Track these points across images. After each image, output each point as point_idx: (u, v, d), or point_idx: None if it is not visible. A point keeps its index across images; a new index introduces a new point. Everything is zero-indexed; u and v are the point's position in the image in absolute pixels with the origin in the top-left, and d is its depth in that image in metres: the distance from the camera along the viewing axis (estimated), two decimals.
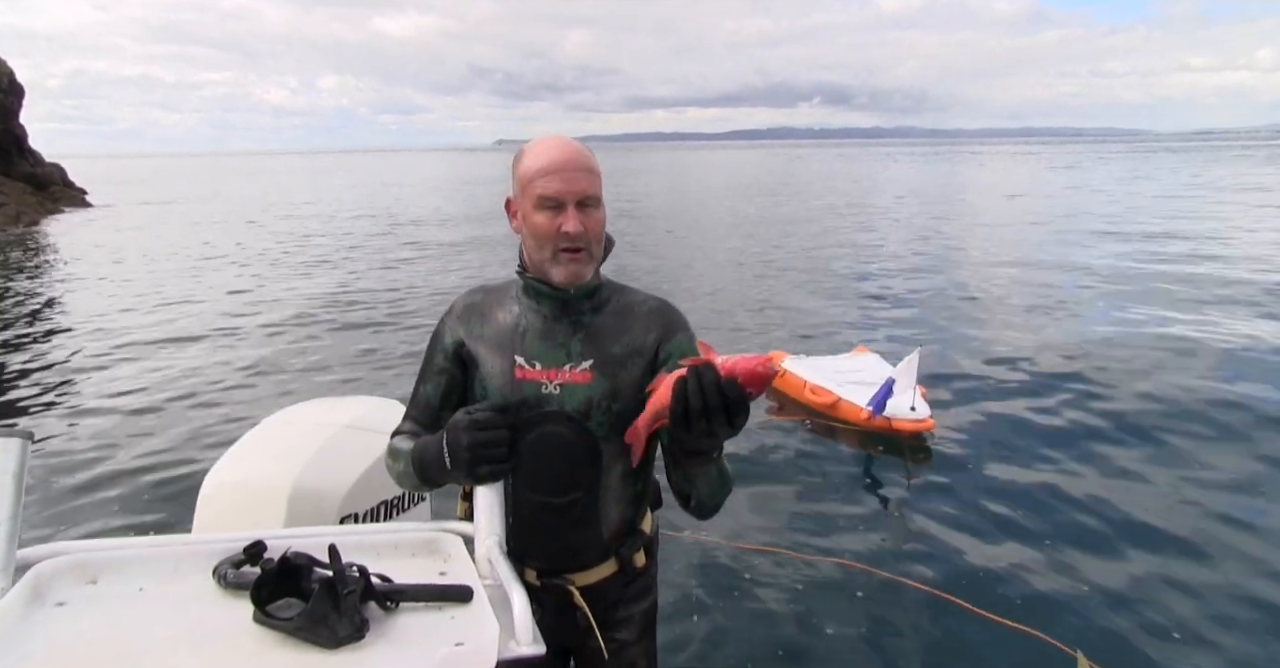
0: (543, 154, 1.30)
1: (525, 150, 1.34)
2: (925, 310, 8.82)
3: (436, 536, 1.19)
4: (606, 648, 1.47)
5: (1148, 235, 14.90)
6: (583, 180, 1.28)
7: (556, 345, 1.35)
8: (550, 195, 1.27)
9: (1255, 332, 7.62)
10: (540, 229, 1.29)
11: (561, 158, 1.28)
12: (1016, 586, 3.28)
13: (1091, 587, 3.27)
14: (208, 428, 5.36)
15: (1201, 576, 3.38)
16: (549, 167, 1.27)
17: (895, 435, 4.73)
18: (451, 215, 22.70)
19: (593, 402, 1.33)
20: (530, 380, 1.33)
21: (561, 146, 1.30)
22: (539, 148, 1.32)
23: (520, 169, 1.32)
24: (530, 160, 1.30)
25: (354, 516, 1.92)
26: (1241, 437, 4.95)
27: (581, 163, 1.29)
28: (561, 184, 1.27)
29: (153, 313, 9.31)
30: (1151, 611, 3.11)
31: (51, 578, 1.02)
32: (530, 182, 1.29)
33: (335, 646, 0.89)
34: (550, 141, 1.32)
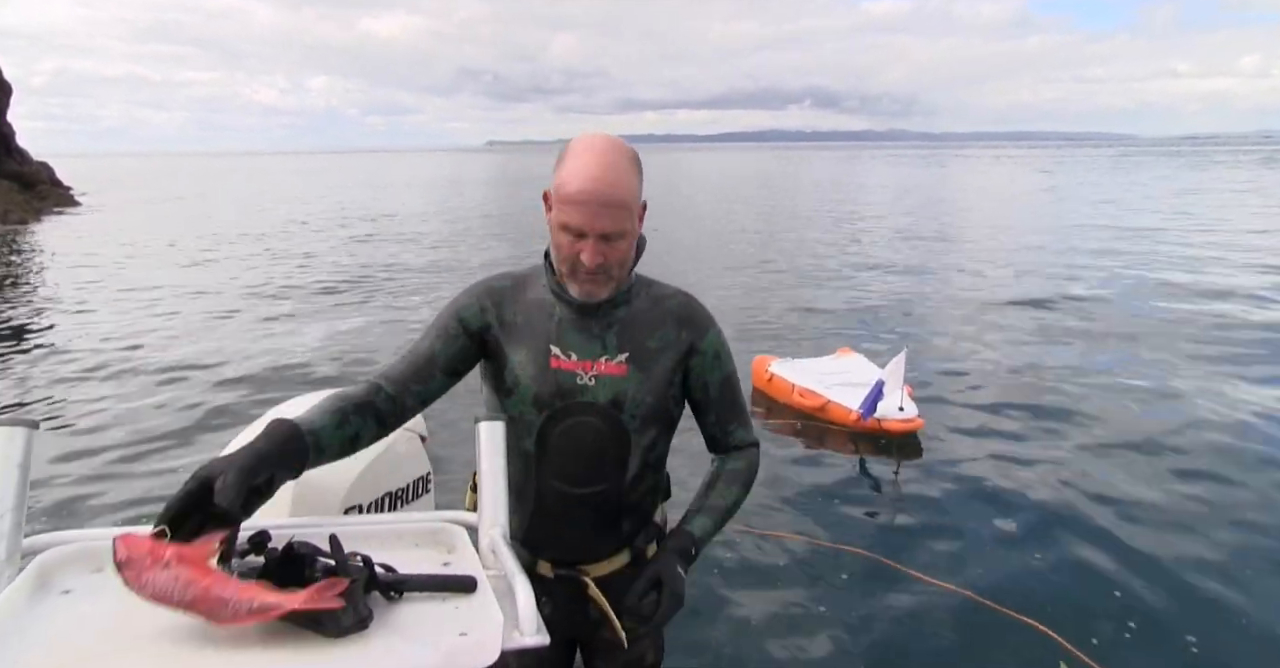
0: (578, 174, 1.21)
1: (568, 152, 1.26)
2: (910, 311, 8.91)
3: (440, 526, 1.19)
4: (615, 639, 1.47)
5: (1136, 234, 14.91)
6: (606, 218, 1.21)
7: (592, 337, 1.34)
8: (572, 225, 1.22)
9: (1250, 319, 7.63)
10: (561, 249, 1.27)
11: (593, 190, 1.19)
12: (1003, 575, 3.32)
13: (1082, 577, 3.32)
14: (210, 420, 5.38)
15: (1193, 564, 3.42)
16: (576, 196, 1.20)
17: (885, 435, 4.76)
18: (453, 212, 22.73)
19: (627, 394, 1.34)
20: (565, 371, 1.32)
21: (598, 172, 1.20)
22: (578, 161, 1.22)
23: (557, 175, 1.25)
24: (566, 173, 1.22)
25: (358, 507, 1.93)
26: (1232, 427, 4.97)
27: (613, 198, 1.20)
28: (583, 218, 1.21)
29: (150, 307, 9.35)
30: (1144, 600, 3.14)
31: (57, 566, 1.02)
32: (559, 200, 1.23)
33: (339, 635, 0.89)
34: (589, 158, 1.22)
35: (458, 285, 7.02)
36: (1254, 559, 3.44)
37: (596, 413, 1.34)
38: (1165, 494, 4.11)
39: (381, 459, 2.00)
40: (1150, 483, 4.23)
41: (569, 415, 1.34)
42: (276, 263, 12.97)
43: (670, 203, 26.41)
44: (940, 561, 3.44)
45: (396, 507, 2.05)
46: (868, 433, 4.81)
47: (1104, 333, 7.55)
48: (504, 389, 1.37)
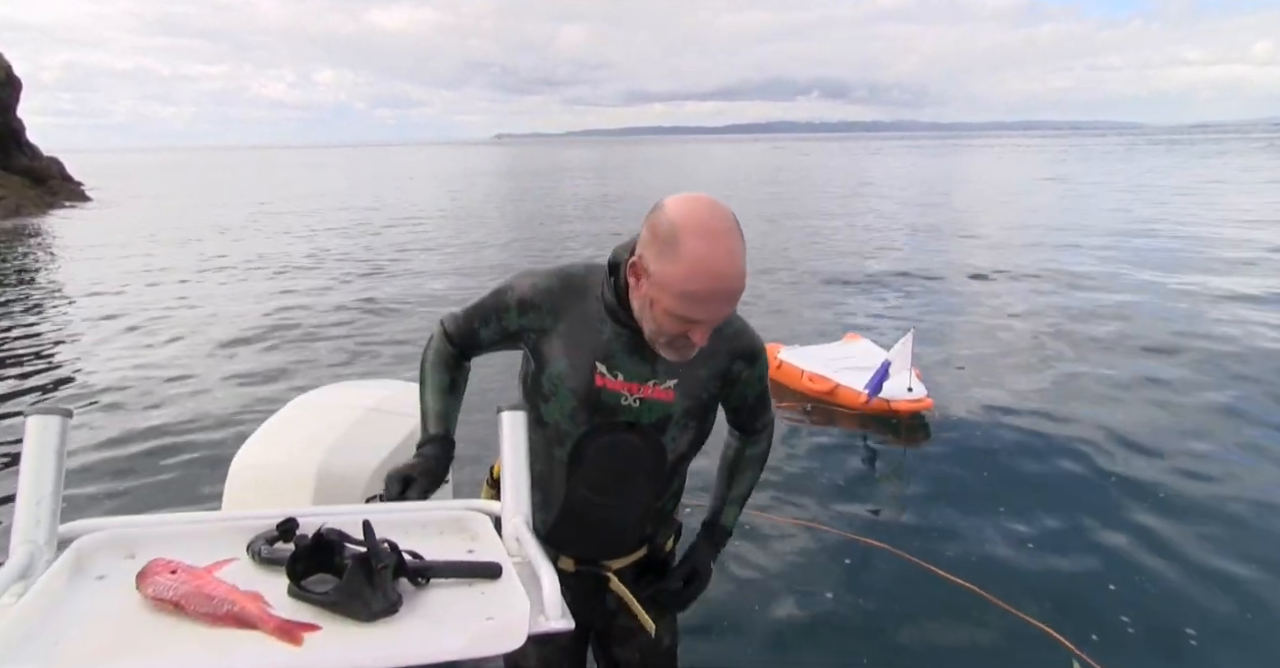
0: (697, 274, 1.10)
1: (680, 238, 1.10)
2: (918, 297, 8.92)
3: (464, 514, 1.21)
4: (632, 625, 1.49)
5: (1151, 223, 14.82)
6: (728, 308, 1.16)
7: (643, 361, 1.30)
8: (690, 318, 1.16)
9: (1257, 312, 7.60)
10: (666, 328, 1.19)
11: (717, 288, 1.11)
12: (1008, 563, 3.34)
13: (1093, 571, 3.30)
14: (233, 411, 5.44)
15: (1208, 553, 3.40)
16: (701, 296, 1.12)
17: (894, 416, 4.80)
18: (471, 208, 22.77)
19: (672, 419, 1.33)
20: (610, 390, 1.30)
21: (722, 270, 1.10)
22: (696, 258, 1.09)
23: (666, 265, 1.12)
24: (682, 271, 1.10)
25: (379, 497, 1.95)
26: (1245, 409, 4.94)
27: (735, 291, 1.14)
28: (706, 315, 1.15)
29: (165, 299, 9.43)
30: (1157, 596, 3.13)
31: (92, 552, 1.05)
32: (674, 294, 1.13)
33: (370, 619, 0.91)
34: (709, 256, 1.09)
35: (475, 275, 6.99)
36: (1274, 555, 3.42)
37: (638, 433, 1.33)
38: (1184, 483, 4.08)
39: (400, 449, 2.02)
40: (1168, 471, 4.21)
41: (608, 432, 1.32)
42: (293, 255, 13.03)
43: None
44: (946, 548, 3.45)
45: None
46: (877, 415, 4.84)
47: (1124, 322, 7.50)
48: (541, 393, 1.35)
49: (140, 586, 0.94)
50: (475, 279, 10.43)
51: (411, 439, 2.06)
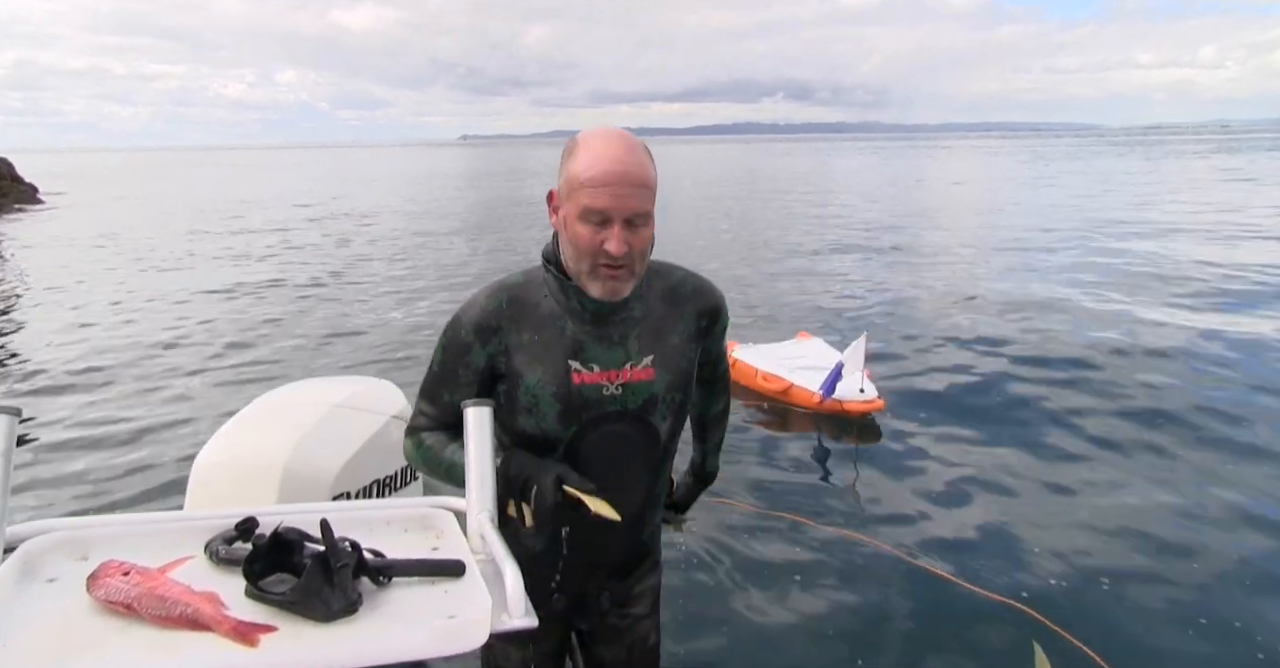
0: (597, 160, 1.17)
1: (579, 144, 1.22)
2: (868, 297, 9.05)
3: (428, 511, 1.20)
4: (620, 624, 1.51)
5: (1106, 225, 15.11)
6: (635, 198, 1.17)
7: (613, 345, 1.29)
8: (597, 209, 1.17)
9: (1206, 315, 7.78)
10: (582, 241, 1.19)
11: (617, 170, 1.16)
12: (961, 548, 3.40)
13: (1036, 550, 3.38)
14: (198, 408, 5.35)
15: (1145, 537, 3.49)
16: (600, 178, 1.16)
17: (846, 416, 4.85)
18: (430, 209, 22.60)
19: (657, 397, 1.31)
20: (589, 384, 1.27)
21: (619, 154, 1.17)
22: (594, 149, 1.19)
23: (569, 167, 1.20)
24: (582, 163, 1.18)
25: (346, 494, 1.93)
26: (1191, 407, 5.10)
27: (637, 177, 1.17)
28: (611, 200, 1.16)
29: (117, 302, 9.22)
30: (1094, 567, 3.22)
31: (42, 555, 1.02)
32: (578, 188, 1.18)
33: (328, 619, 0.89)
34: (607, 145, 1.19)
35: (434, 278, 6.92)
36: (1230, 524, 3.53)
37: (627, 420, 1.30)
38: (1125, 468, 4.23)
39: (369, 446, 2.00)
40: (1114, 463, 4.33)
41: (598, 426, 1.29)
42: (248, 258, 12.83)
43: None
44: (904, 535, 3.53)
45: (385, 494, 2.05)
46: (830, 414, 4.92)
47: (1069, 315, 7.66)
48: (520, 408, 1.30)
49: (91, 588, 0.91)
50: (432, 275, 10.38)
51: (379, 436, 2.05)
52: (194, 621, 0.87)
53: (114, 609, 0.89)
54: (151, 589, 0.90)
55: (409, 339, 7.13)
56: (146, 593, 0.89)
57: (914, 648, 2.74)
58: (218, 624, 0.86)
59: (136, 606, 0.88)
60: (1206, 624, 2.81)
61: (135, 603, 0.88)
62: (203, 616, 0.87)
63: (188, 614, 0.87)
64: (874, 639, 2.78)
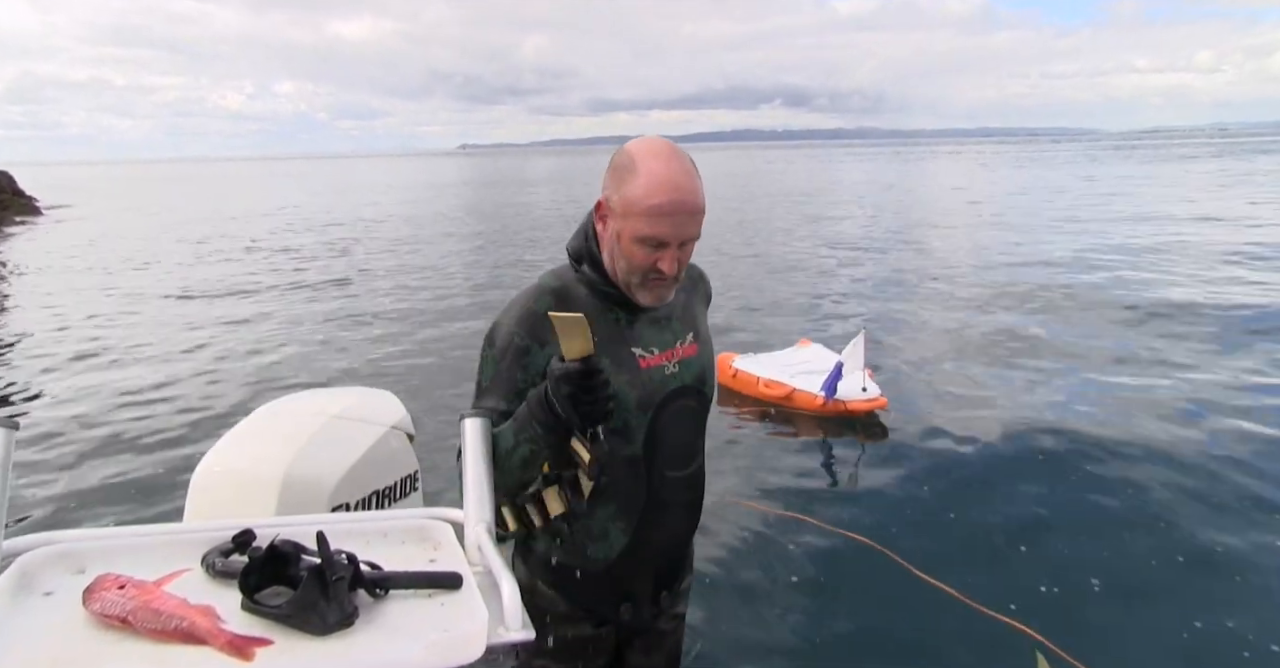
0: (658, 187, 1.19)
1: (637, 163, 1.22)
2: (869, 299, 9.13)
3: (426, 523, 1.19)
4: (667, 627, 1.54)
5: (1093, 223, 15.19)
6: (692, 225, 1.23)
7: (662, 328, 1.37)
8: (657, 237, 1.21)
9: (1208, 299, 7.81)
10: (636, 260, 1.25)
11: (677, 199, 1.19)
12: (964, 558, 3.39)
13: (1040, 563, 3.37)
14: (198, 420, 5.35)
15: (1153, 545, 3.49)
16: (662, 208, 1.19)
17: (850, 416, 4.86)
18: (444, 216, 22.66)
19: (705, 369, 1.42)
20: (655, 366, 1.34)
21: (679, 181, 1.20)
22: (655, 174, 1.20)
23: (628, 190, 1.22)
24: (642, 188, 1.20)
25: (345, 505, 1.92)
26: (1197, 406, 5.08)
27: (695, 205, 1.22)
28: (671, 229, 1.21)
29: (117, 314, 9.24)
30: (1103, 580, 3.20)
31: (39, 568, 1.02)
32: (638, 213, 1.20)
33: (324, 633, 0.89)
34: (667, 169, 1.20)
35: (436, 288, 6.96)
36: (1242, 542, 3.49)
37: (689, 395, 1.39)
38: (1139, 475, 4.20)
39: (369, 458, 1.99)
40: (1120, 465, 4.32)
41: (669, 405, 1.36)
42: (249, 269, 12.88)
43: None
44: (906, 536, 3.53)
45: (384, 505, 2.04)
46: (834, 416, 4.92)
47: (1067, 316, 7.67)
48: None
49: (87, 602, 0.91)
50: (434, 284, 10.40)
51: (378, 447, 2.04)
52: (190, 634, 0.86)
53: (110, 623, 0.89)
54: (147, 603, 0.89)
55: (409, 349, 7.14)
56: (142, 606, 0.89)
57: (910, 661, 2.73)
58: (213, 638, 0.86)
59: (132, 619, 0.88)
60: (1212, 646, 2.78)
61: (131, 617, 0.88)
62: (198, 629, 0.86)
63: (183, 628, 0.87)
64: (870, 649, 2.78)
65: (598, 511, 1.35)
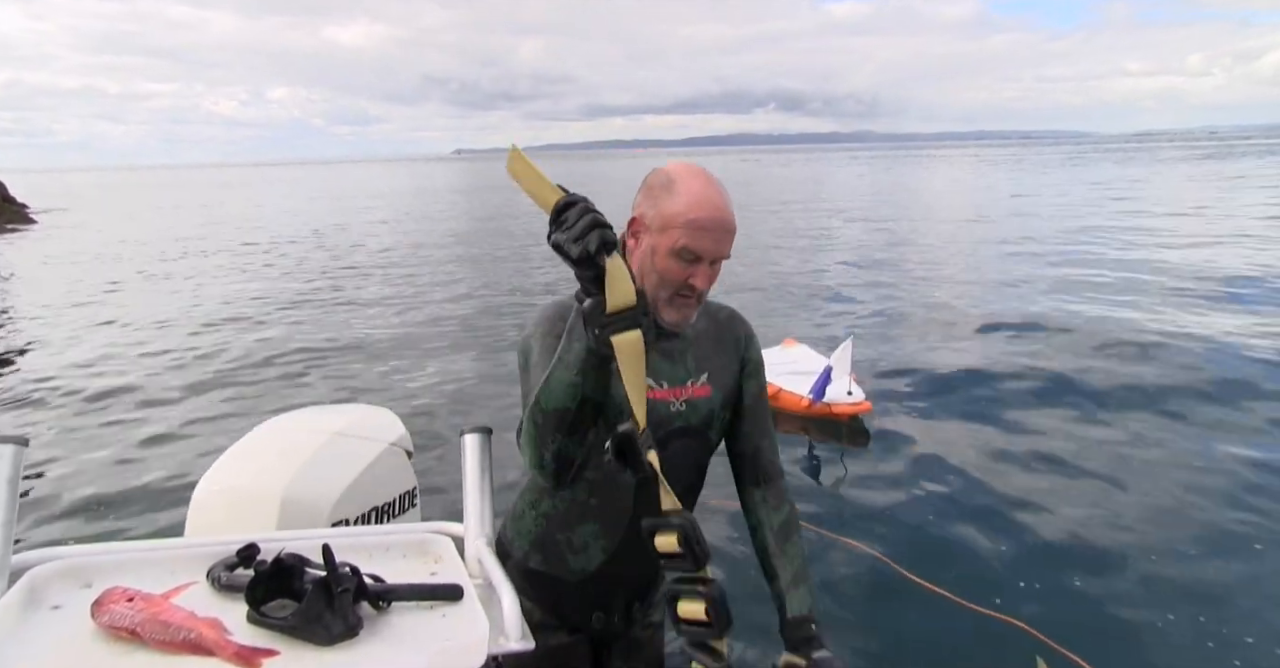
0: (700, 204, 1.24)
1: (676, 182, 1.26)
2: (855, 302, 9.15)
3: (427, 537, 1.21)
4: (643, 636, 1.54)
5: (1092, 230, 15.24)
6: (727, 243, 1.27)
7: (675, 363, 1.36)
8: (695, 250, 1.24)
9: (1199, 319, 7.84)
10: (670, 274, 1.26)
11: (718, 217, 1.24)
12: (950, 557, 3.41)
13: (1020, 554, 3.41)
14: (197, 436, 5.35)
15: (1132, 540, 3.51)
16: (703, 222, 1.23)
17: (835, 419, 4.92)
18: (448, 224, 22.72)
19: (714, 413, 1.39)
20: (660, 400, 1.33)
21: (720, 201, 1.25)
22: (695, 192, 1.25)
23: (667, 204, 1.25)
24: (683, 203, 1.24)
25: (345, 521, 1.93)
26: (1181, 411, 5.12)
27: (732, 224, 1.27)
28: (711, 244, 1.24)
29: (115, 325, 9.21)
30: (1083, 579, 3.22)
31: (47, 582, 1.04)
32: (678, 226, 1.23)
33: (329, 643, 0.91)
34: (707, 189, 1.26)
35: (436, 303, 6.94)
36: (1241, 541, 3.51)
37: (692, 435, 1.38)
38: (1121, 476, 4.23)
39: (367, 474, 2.01)
40: (1100, 466, 4.35)
41: (669, 443, 1.33)
42: (248, 279, 12.84)
43: None
44: (892, 538, 3.55)
45: (383, 521, 2.05)
46: (819, 417, 4.97)
47: (1062, 321, 7.71)
48: (603, 423, 1.28)
49: (96, 615, 0.93)
50: (443, 305, 10.41)
51: (377, 463, 2.06)
52: (197, 645, 0.88)
53: (118, 635, 0.91)
54: (155, 615, 0.91)
55: (409, 365, 7.15)
56: (150, 619, 0.91)
57: (902, 660, 2.73)
58: (221, 649, 0.88)
59: (140, 631, 0.90)
60: (1214, 645, 2.79)
61: (139, 629, 0.90)
62: (206, 640, 0.88)
63: (191, 639, 0.89)
64: (860, 649, 2.77)
65: (583, 526, 1.38)
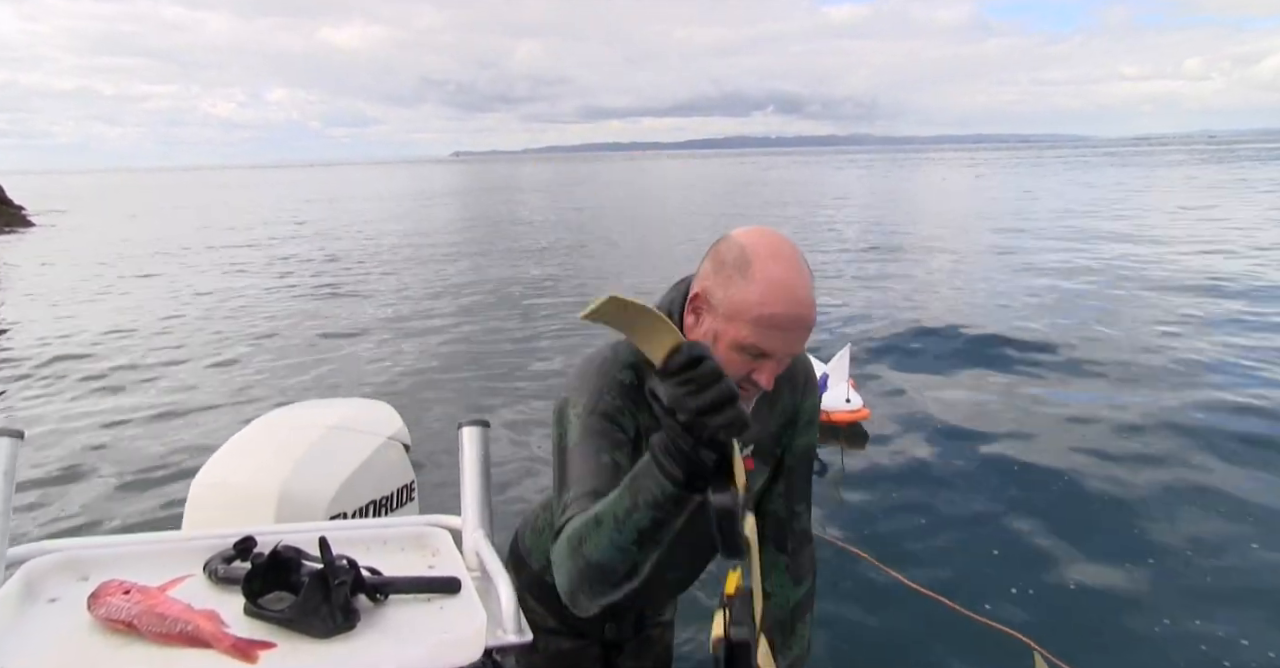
0: (774, 297, 1.03)
1: (752, 264, 1.04)
2: (852, 307, 9.08)
3: (424, 530, 1.21)
4: (654, 634, 1.53)
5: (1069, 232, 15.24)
6: (802, 341, 1.09)
7: None
8: (763, 349, 1.06)
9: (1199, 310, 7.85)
10: (730, 367, 1.05)
11: (796, 313, 1.04)
12: (949, 565, 3.40)
13: (1015, 560, 3.41)
14: (194, 431, 5.35)
15: (1129, 546, 3.52)
16: (779, 319, 1.03)
17: (833, 426, 4.93)
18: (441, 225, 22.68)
19: (752, 486, 1.29)
20: None
21: (799, 294, 1.04)
22: (774, 279, 1.04)
23: (739, 292, 1.04)
24: (756, 294, 1.03)
25: (343, 515, 1.92)
26: (1201, 423, 5.10)
27: (811, 320, 1.07)
28: (781, 344, 1.05)
29: (112, 325, 9.18)
30: (1078, 585, 3.22)
31: (44, 575, 1.04)
32: (748, 320, 1.04)
33: (327, 636, 0.91)
34: (787, 275, 1.04)
35: (434, 297, 6.90)
36: (1242, 550, 3.49)
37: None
38: (1111, 481, 4.24)
39: (365, 468, 2.00)
40: (1098, 472, 4.35)
41: (696, 515, 1.24)
42: (244, 275, 12.83)
43: (632, 210, 26.55)
44: (890, 545, 3.55)
45: (381, 515, 2.05)
46: None
47: (1062, 327, 7.70)
48: None
49: (92, 607, 0.93)
50: (439, 299, 10.40)
51: (375, 457, 2.06)
52: (194, 638, 0.88)
53: (115, 628, 0.90)
54: (152, 607, 0.91)
55: (406, 359, 7.14)
56: (147, 611, 0.90)
57: (896, 664, 2.74)
58: (217, 641, 0.88)
59: (137, 623, 0.90)
60: (1210, 653, 2.78)
61: (136, 621, 0.90)
62: (203, 633, 0.88)
63: (188, 632, 0.88)
64: (857, 654, 2.78)
65: None
